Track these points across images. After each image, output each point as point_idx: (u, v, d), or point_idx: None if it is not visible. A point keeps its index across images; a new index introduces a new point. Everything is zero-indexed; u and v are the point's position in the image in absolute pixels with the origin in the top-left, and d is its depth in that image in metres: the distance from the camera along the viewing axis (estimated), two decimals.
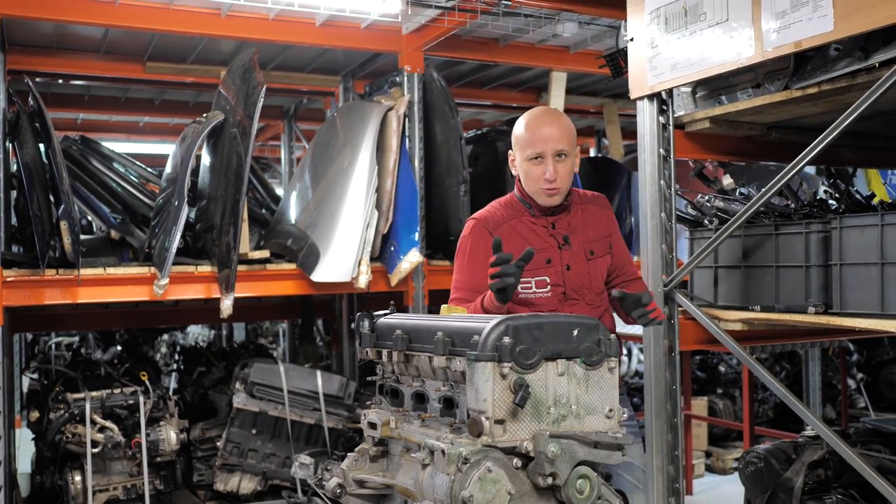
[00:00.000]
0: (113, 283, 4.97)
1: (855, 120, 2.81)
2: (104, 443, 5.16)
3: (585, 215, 2.97)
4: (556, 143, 2.81)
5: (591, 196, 3.07)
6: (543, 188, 2.84)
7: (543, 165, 2.81)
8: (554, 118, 2.89)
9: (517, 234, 2.88)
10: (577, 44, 6.38)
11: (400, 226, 5.52)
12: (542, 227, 2.91)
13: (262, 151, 10.28)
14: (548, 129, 2.82)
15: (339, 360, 7.27)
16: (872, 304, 3.05)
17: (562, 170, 2.83)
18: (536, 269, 2.83)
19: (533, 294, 2.85)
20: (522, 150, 2.87)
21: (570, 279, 2.87)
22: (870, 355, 8.45)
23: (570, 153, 2.84)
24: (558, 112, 2.99)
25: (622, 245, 3.07)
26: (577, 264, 2.89)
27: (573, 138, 2.89)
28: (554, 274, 2.86)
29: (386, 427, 2.17)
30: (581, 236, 2.92)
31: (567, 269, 2.87)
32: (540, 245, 2.86)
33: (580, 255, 2.90)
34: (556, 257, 2.87)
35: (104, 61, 6.52)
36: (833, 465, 3.68)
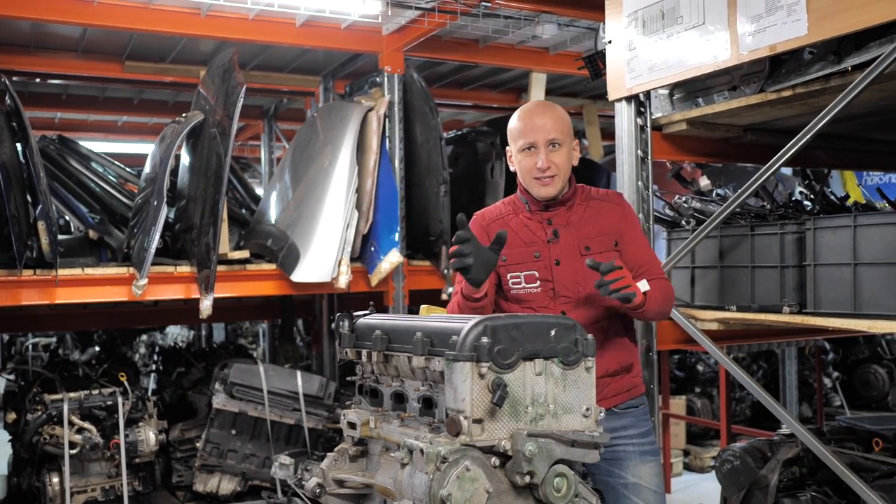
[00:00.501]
0: (91, 284, 4.94)
1: (829, 122, 2.86)
2: (82, 444, 5.12)
3: (588, 211, 2.84)
4: (549, 132, 2.74)
5: (601, 193, 2.93)
6: (536, 178, 2.76)
7: (536, 155, 2.75)
8: (546, 108, 2.82)
9: (510, 228, 2.80)
10: (556, 45, 6.41)
11: (380, 226, 5.53)
12: (536, 223, 2.82)
13: (241, 151, 10.25)
14: (539, 119, 2.76)
15: (319, 360, 7.26)
16: (845, 303, 3.10)
17: (556, 159, 2.74)
18: (525, 263, 2.77)
19: (523, 290, 2.78)
20: (515, 141, 2.81)
21: (560, 275, 2.75)
22: (845, 354, 8.54)
23: (564, 143, 2.76)
24: (552, 104, 2.90)
25: (639, 244, 2.86)
26: (569, 259, 2.75)
27: (567, 128, 2.80)
28: (542, 269, 2.76)
29: (365, 427, 2.18)
30: (576, 231, 2.79)
31: (556, 263, 2.75)
32: (529, 238, 2.79)
33: (572, 251, 2.76)
34: (545, 252, 2.77)
35: (82, 60, 6.47)
36: (808, 463, 3.73)
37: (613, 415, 2.74)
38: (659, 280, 2.79)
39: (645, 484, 2.75)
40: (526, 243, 2.79)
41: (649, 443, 2.83)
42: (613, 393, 2.77)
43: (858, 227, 3.07)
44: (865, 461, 3.62)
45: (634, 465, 2.75)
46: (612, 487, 2.76)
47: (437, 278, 5.97)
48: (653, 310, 2.70)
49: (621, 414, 2.79)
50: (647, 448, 2.81)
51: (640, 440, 2.79)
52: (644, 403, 2.89)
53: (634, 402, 2.84)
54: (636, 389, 2.86)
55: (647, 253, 2.89)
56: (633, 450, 2.77)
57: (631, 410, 2.82)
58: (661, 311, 2.81)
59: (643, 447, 2.79)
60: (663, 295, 2.77)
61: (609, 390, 2.74)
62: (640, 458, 2.77)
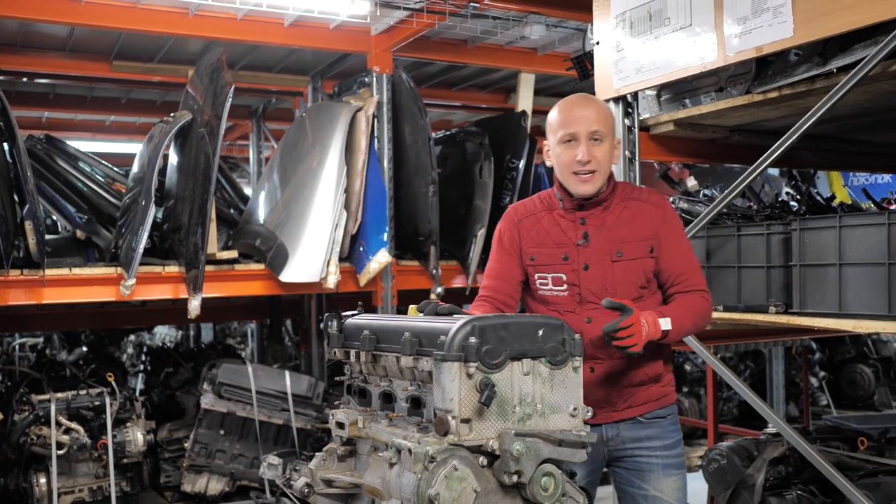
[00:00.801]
0: (79, 284, 4.93)
1: (815, 123, 2.88)
2: (69, 444, 5.11)
3: (625, 212, 2.67)
4: (591, 124, 2.59)
5: (643, 193, 2.75)
6: (576, 172, 2.61)
7: (576, 147, 2.60)
8: (589, 100, 2.71)
9: (541, 227, 2.71)
10: (544, 46, 6.43)
11: (369, 226, 5.53)
12: (568, 221, 2.68)
13: (230, 151, 10.22)
14: (582, 110, 2.63)
15: (307, 360, 7.26)
16: (831, 303, 3.12)
17: (597, 152, 2.59)
18: (553, 265, 2.66)
19: (549, 292, 2.67)
20: (555, 133, 2.65)
21: (587, 280, 2.62)
22: (832, 354, 8.60)
23: (606, 137, 2.61)
24: (595, 98, 2.80)
25: (677, 251, 2.66)
26: (598, 265, 2.62)
27: (611, 123, 2.67)
28: (570, 272, 2.64)
29: (354, 427, 2.18)
30: (609, 234, 2.64)
31: (585, 268, 2.62)
32: (559, 239, 2.67)
33: (603, 255, 2.62)
34: (574, 254, 2.64)
35: (69, 60, 6.45)
36: (793, 462, 3.75)
37: (639, 424, 2.68)
38: (692, 294, 2.64)
39: (666, 498, 2.67)
40: (556, 244, 2.68)
41: (674, 455, 2.71)
42: (640, 402, 2.68)
43: (843, 228, 3.10)
44: (850, 460, 3.64)
45: (657, 477, 2.67)
46: (631, 497, 2.70)
47: (425, 278, 5.98)
48: (679, 337, 2.59)
49: (647, 424, 2.69)
50: (672, 461, 2.70)
51: (664, 452, 2.69)
52: (673, 414, 2.76)
53: (662, 412, 2.72)
54: (665, 399, 2.73)
55: (686, 261, 2.68)
56: (657, 462, 2.68)
57: (658, 421, 2.71)
58: (692, 332, 2.70)
59: (667, 460, 2.69)
60: (694, 313, 2.61)
61: (635, 399, 2.67)
62: (663, 471, 2.68)
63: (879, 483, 3.34)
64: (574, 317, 2.61)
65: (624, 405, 2.67)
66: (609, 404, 2.65)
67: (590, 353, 2.55)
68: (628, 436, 2.68)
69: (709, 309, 2.69)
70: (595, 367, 2.62)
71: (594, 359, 2.61)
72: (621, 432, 2.68)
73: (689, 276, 2.66)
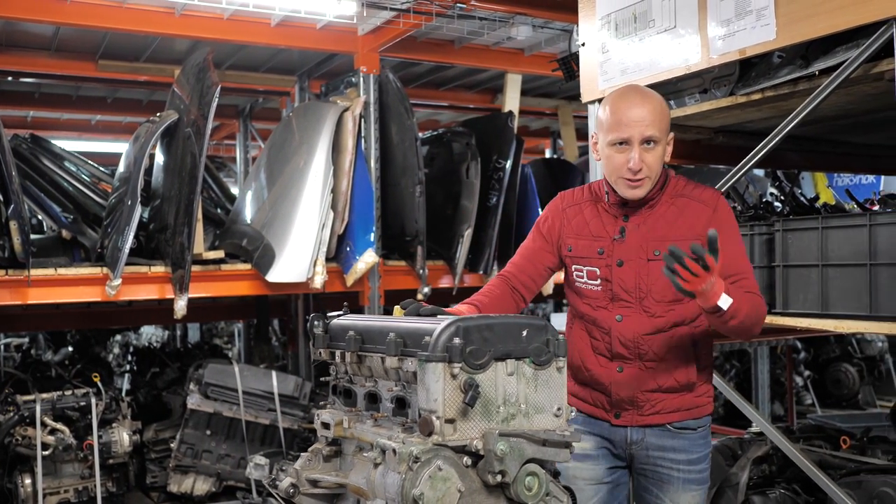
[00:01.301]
0: (64, 284, 4.91)
1: (798, 125, 2.90)
2: (55, 445, 5.09)
3: (671, 210, 2.53)
4: (646, 128, 2.43)
5: (695, 190, 2.57)
6: (625, 178, 2.47)
7: (628, 152, 2.45)
8: (645, 98, 2.49)
9: (583, 217, 2.62)
10: (531, 47, 6.45)
11: (355, 226, 5.54)
12: (610, 216, 2.58)
13: (216, 150, 10.20)
14: (637, 111, 2.44)
15: (294, 360, 7.25)
16: (814, 304, 3.14)
17: (649, 158, 2.45)
18: (589, 258, 2.57)
19: (584, 285, 2.58)
20: (606, 133, 2.50)
21: (620, 277, 2.51)
22: (817, 353, 8.66)
23: (660, 140, 2.46)
24: (650, 91, 2.56)
25: (730, 251, 2.43)
26: (633, 262, 2.50)
27: (666, 122, 2.49)
28: (603, 267, 2.53)
29: (339, 427, 2.18)
30: (649, 232, 2.51)
31: (619, 264, 2.51)
32: (597, 231, 2.58)
33: (638, 253, 2.50)
34: (609, 249, 2.54)
35: (55, 59, 6.43)
36: (777, 461, 3.79)
37: (666, 433, 2.55)
38: (749, 295, 2.41)
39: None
40: (593, 236, 2.58)
41: (697, 471, 2.57)
42: (670, 409, 2.54)
43: (826, 230, 3.12)
44: (833, 459, 3.68)
45: (675, 490, 2.56)
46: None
47: (412, 278, 5.99)
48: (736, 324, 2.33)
49: (675, 434, 2.55)
50: (694, 476, 2.56)
51: (687, 467, 2.56)
52: (705, 426, 2.59)
53: (692, 423, 2.57)
54: (698, 410, 2.58)
55: (738, 264, 2.48)
56: (678, 476, 2.55)
57: (686, 433, 2.56)
58: (747, 328, 2.40)
59: (690, 474, 2.56)
60: (753, 308, 2.38)
61: (664, 405, 2.54)
62: (683, 485, 2.55)
63: (861, 482, 3.38)
64: (605, 313, 2.54)
65: (652, 410, 2.54)
66: (636, 407, 2.55)
67: (618, 352, 2.52)
68: (653, 443, 2.57)
69: (764, 311, 2.47)
70: (623, 367, 2.53)
71: (623, 359, 2.52)
72: (647, 438, 2.56)
73: (741, 278, 2.44)
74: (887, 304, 2.87)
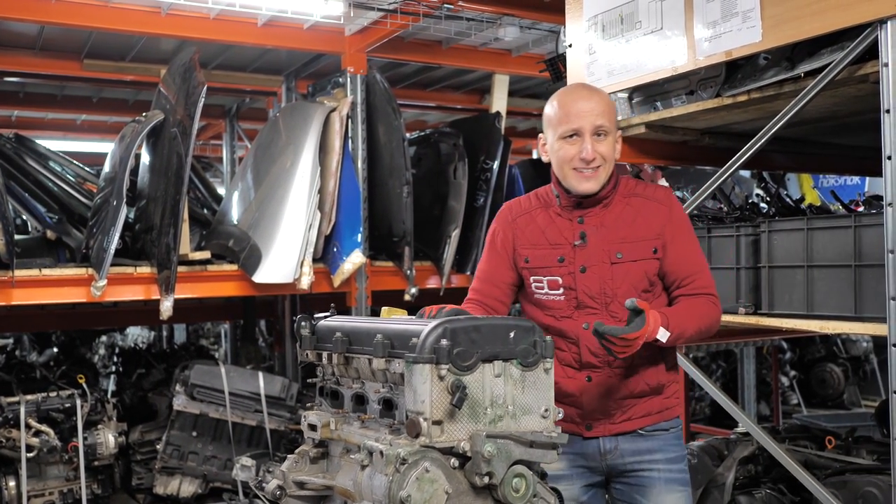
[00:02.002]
0: (49, 285, 4.88)
1: (783, 126, 2.92)
2: (39, 447, 5.05)
3: (627, 210, 2.49)
4: (596, 118, 2.41)
5: (648, 189, 2.56)
6: (578, 169, 2.43)
7: (580, 143, 2.42)
8: (592, 91, 2.52)
9: (536, 226, 2.56)
10: (518, 47, 6.46)
11: (343, 227, 5.53)
12: (565, 220, 2.52)
13: (203, 151, 10.15)
14: (585, 103, 2.43)
15: (281, 361, 7.24)
16: (799, 304, 3.16)
17: (601, 148, 2.42)
18: (549, 268, 2.50)
19: (545, 296, 2.51)
20: (555, 128, 2.47)
21: (584, 283, 2.45)
22: (802, 353, 8.71)
23: (610, 131, 2.45)
24: (596, 87, 2.61)
25: (683, 252, 2.48)
26: (596, 267, 2.45)
27: (614, 115, 2.50)
28: (566, 275, 2.47)
29: (326, 429, 2.18)
30: (609, 234, 2.47)
31: (581, 271, 2.45)
32: (555, 239, 2.51)
33: (601, 257, 2.45)
34: (570, 256, 2.48)
35: (40, 58, 6.38)
36: (763, 461, 3.80)
37: (639, 437, 2.51)
38: (698, 299, 2.45)
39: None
40: (551, 244, 2.52)
41: (678, 470, 2.53)
42: (640, 414, 2.51)
43: (811, 231, 3.14)
44: (818, 459, 3.70)
45: (658, 492, 2.49)
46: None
47: (399, 279, 5.98)
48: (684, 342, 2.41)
49: (648, 436, 2.52)
50: (676, 476, 2.52)
51: (667, 466, 2.51)
52: (676, 427, 2.57)
53: (664, 424, 2.54)
54: (668, 412, 2.55)
55: (693, 262, 2.49)
56: (659, 476, 2.50)
57: (660, 434, 2.53)
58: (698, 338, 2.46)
59: (671, 474, 2.51)
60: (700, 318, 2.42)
61: (635, 411, 2.50)
62: (665, 485, 2.50)
63: (846, 482, 3.39)
64: (571, 322, 2.47)
65: (622, 417, 2.50)
66: (606, 416, 2.50)
67: (588, 361, 2.46)
68: (628, 448, 2.51)
69: (716, 314, 2.49)
70: (592, 377, 2.47)
71: (592, 367, 2.47)
72: (620, 445, 2.51)
73: (696, 278, 2.47)
74: (872, 304, 2.89)
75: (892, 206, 2.54)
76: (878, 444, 3.91)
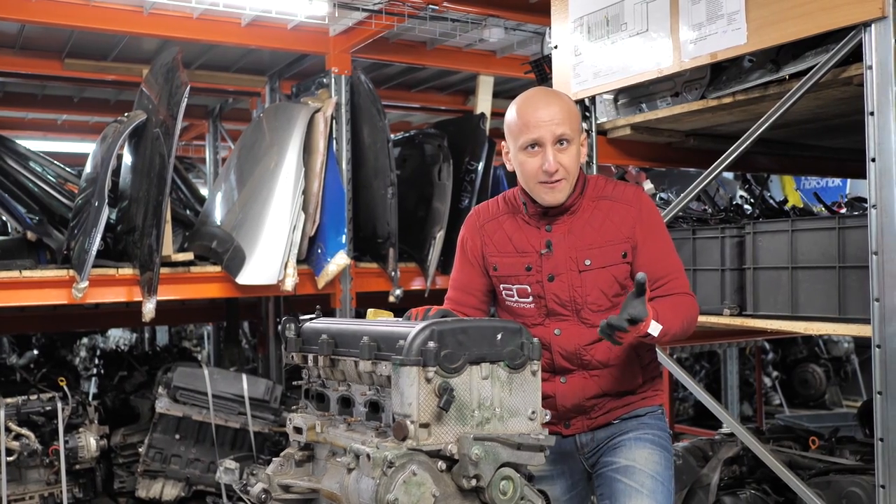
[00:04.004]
0: (29, 287, 4.82)
1: (768, 128, 2.93)
2: (20, 451, 5.01)
3: (595, 214, 2.43)
4: (556, 126, 2.33)
5: (615, 190, 2.47)
6: (542, 182, 2.37)
7: (541, 155, 2.36)
8: (551, 97, 2.42)
9: (503, 233, 2.51)
10: (503, 49, 6.46)
11: (327, 228, 5.51)
12: (532, 228, 2.47)
13: (186, 151, 10.09)
14: (545, 111, 2.35)
15: (265, 363, 7.20)
16: (784, 306, 3.17)
17: (565, 159, 2.35)
18: (517, 276, 2.46)
19: (516, 303, 2.49)
20: (515, 138, 2.40)
21: (553, 292, 2.42)
22: (784, 354, 8.76)
23: (573, 139, 2.37)
24: (558, 92, 2.53)
25: (655, 253, 2.41)
26: (564, 275, 2.40)
27: (577, 120, 2.41)
28: (534, 283, 2.43)
29: (312, 431, 2.17)
30: (576, 241, 2.42)
31: (549, 279, 2.41)
32: (522, 247, 2.47)
33: (569, 265, 2.41)
34: (537, 265, 2.44)
35: (20, 57, 6.31)
36: (747, 461, 3.82)
37: (612, 425, 2.50)
38: (677, 297, 2.40)
39: (639, 466, 2.42)
40: (518, 252, 2.47)
41: (650, 434, 2.48)
42: (617, 408, 2.50)
43: (796, 232, 3.15)
44: (802, 459, 3.72)
45: (628, 449, 2.45)
46: (605, 479, 2.47)
47: (384, 280, 5.96)
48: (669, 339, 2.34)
49: (621, 421, 2.51)
50: (646, 436, 2.47)
51: (637, 431, 2.48)
52: (652, 412, 2.52)
53: (640, 411, 2.51)
54: (645, 401, 2.53)
55: (666, 263, 2.43)
56: (629, 437, 2.47)
57: (632, 420, 2.51)
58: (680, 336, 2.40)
59: (641, 434, 2.47)
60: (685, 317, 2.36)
61: (611, 407, 2.49)
62: (634, 443, 2.46)
63: (830, 482, 3.41)
64: (542, 329, 2.43)
65: (599, 413, 2.50)
66: (583, 413, 2.49)
67: (561, 365, 2.45)
68: (603, 436, 2.51)
69: (696, 313, 2.44)
70: (567, 378, 2.46)
71: (565, 371, 2.46)
72: (596, 436, 2.51)
73: (671, 279, 2.42)
74: (856, 305, 2.91)
75: (876, 207, 2.55)
76: (861, 445, 3.94)
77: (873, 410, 2.57)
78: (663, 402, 2.62)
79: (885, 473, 2.54)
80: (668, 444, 2.53)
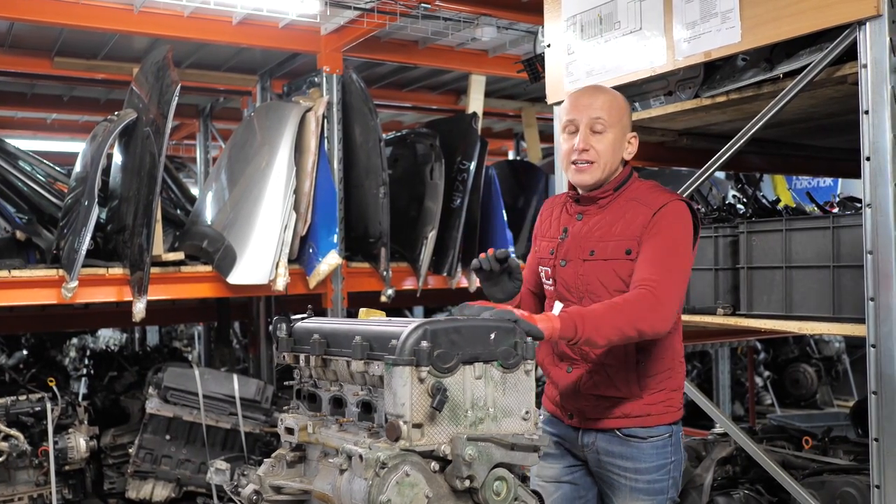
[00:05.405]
0: (18, 286, 4.79)
1: (761, 128, 2.92)
2: (9, 451, 4.97)
3: (619, 211, 2.48)
4: (593, 111, 2.44)
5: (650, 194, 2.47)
6: (573, 162, 2.47)
7: (577, 137, 2.47)
8: (599, 90, 2.56)
9: (552, 217, 2.66)
10: (495, 48, 6.45)
11: (318, 227, 5.48)
12: (567, 215, 2.59)
13: (176, 150, 10.06)
14: (587, 98, 2.49)
15: (256, 363, 7.17)
16: (777, 305, 3.17)
17: (597, 143, 2.44)
18: (546, 259, 2.61)
19: (545, 284, 2.63)
20: (560, 122, 2.56)
21: (563, 276, 2.53)
22: (776, 354, 8.77)
23: (610, 127, 2.44)
24: (608, 88, 2.62)
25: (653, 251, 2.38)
26: (573, 262, 2.51)
27: (618, 114, 2.48)
28: (553, 267, 2.56)
29: (303, 432, 2.15)
30: (588, 232, 2.50)
31: (563, 264, 2.53)
32: (554, 233, 2.61)
33: (577, 253, 2.50)
34: (557, 249, 2.57)
35: (9, 56, 6.28)
36: (741, 461, 3.82)
37: (615, 438, 2.48)
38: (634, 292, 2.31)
39: None
40: (550, 237, 2.62)
41: (646, 481, 2.46)
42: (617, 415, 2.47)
43: (790, 231, 3.15)
44: (796, 459, 3.72)
45: (623, 498, 2.49)
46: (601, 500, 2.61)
47: (376, 280, 5.94)
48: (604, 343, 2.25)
49: (623, 441, 2.48)
50: (642, 486, 2.46)
51: (634, 475, 2.47)
52: (658, 437, 2.47)
53: (640, 431, 2.46)
54: (649, 419, 2.47)
55: (654, 260, 2.36)
56: (625, 483, 2.48)
57: (634, 441, 2.47)
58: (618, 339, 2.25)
59: (637, 483, 2.47)
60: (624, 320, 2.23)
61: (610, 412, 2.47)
62: (630, 493, 2.47)
63: (824, 482, 3.41)
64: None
65: (595, 414, 2.51)
66: (582, 409, 2.53)
67: (563, 351, 2.54)
68: (603, 448, 2.51)
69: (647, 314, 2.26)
70: (573, 369, 2.53)
71: (570, 360, 2.53)
72: (597, 442, 2.52)
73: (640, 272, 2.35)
74: (850, 305, 2.90)
75: (871, 206, 2.54)
76: (854, 444, 3.94)
77: (868, 410, 2.56)
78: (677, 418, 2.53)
79: (879, 473, 2.53)
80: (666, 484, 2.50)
